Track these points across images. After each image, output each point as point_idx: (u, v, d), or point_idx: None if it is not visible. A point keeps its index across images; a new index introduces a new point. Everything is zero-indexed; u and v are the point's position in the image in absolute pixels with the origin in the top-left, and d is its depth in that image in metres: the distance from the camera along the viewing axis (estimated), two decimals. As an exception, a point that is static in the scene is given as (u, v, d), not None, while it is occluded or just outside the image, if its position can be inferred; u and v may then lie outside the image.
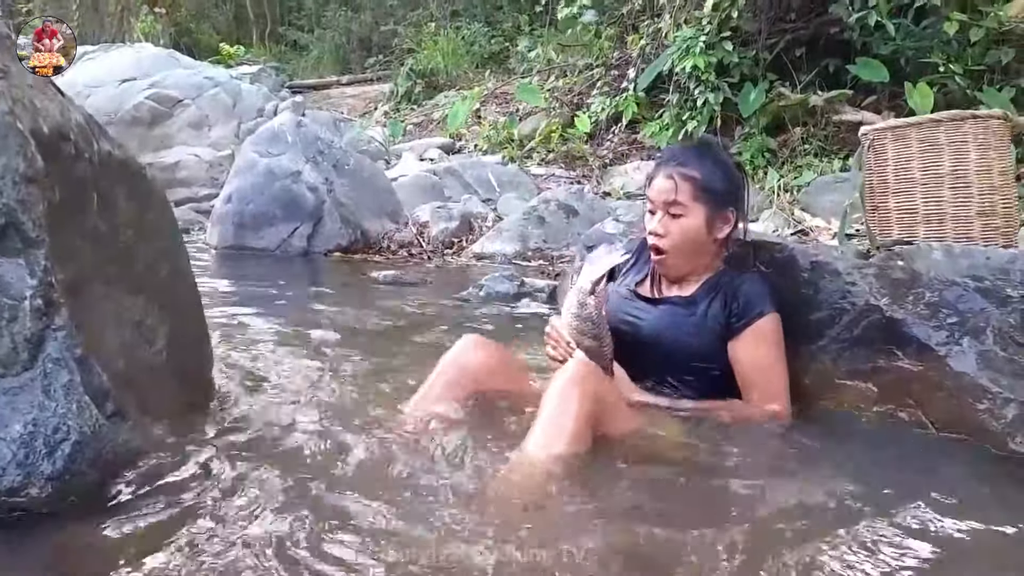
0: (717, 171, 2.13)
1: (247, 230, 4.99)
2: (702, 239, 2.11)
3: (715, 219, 2.11)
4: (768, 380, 2.07)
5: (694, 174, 2.08)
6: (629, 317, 2.17)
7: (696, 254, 2.13)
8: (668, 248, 2.10)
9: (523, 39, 10.11)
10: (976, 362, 2.09)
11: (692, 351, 2.09)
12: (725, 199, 2.13)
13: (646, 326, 2.14)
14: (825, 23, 6.49)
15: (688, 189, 2.07)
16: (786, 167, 6.38)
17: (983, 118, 2.72)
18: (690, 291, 2.16)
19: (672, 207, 2.08)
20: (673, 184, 2.07)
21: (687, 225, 2.09)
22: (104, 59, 8.56)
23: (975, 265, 2.20)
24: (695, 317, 2.11)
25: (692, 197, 2.07)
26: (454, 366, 2.08)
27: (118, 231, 1.97)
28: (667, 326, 2.12)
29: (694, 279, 2.17)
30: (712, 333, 2.09)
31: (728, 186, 2.14)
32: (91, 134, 1.93)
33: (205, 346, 2.36)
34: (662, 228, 2.10)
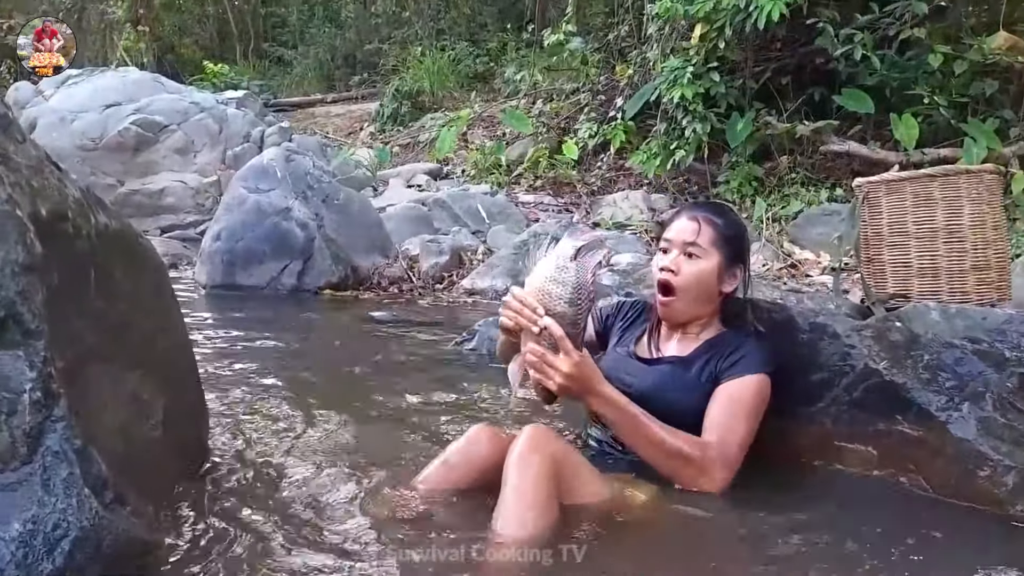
0: (737, 231, 2.21)
1: (236, 268, 4.96)
2: (711, 287, 2.15)
3: (726, 271, 2.16)
4: (730, 429, 2.03)
5: (718, 221, 2.15)
6: (627, 378, 2.16)
7: (701, 301, 2.16)
8: (678, 287, 2.12)
9: (510, 65, 10.13)
10: (976, 428, 2.09)
11: (685, 410, 2.09)
12: (738, 255, 2.19)
13: (641, 386, 2.13)
14: (810, 53, 6.55)
15: (709, 233, 2.12)
16: (773, 196, 6.42)
17: (975, 173, 2.74)
18: (688, 350, 2.17)
19: (690, 247, 2.12)
20: (697, 225, 2.12)
21: (701, 268, 2.12)
22: (88, 84, 8.50)
23: (972, 326, 2.21)
24: (690, 375, 2.12)
25: (711, 242, 2.12)
26: (461, 458, 1.99)
27: (116, 306, 1.94)
28: (661, 386, 2.12)
29: (692, 335, 2.19)
30: (705, 390, 2.10)
31: (742, 244, 2.22)
32: (88, 209, 1.91)
33: (202, 413, 2.34)
34: (675, 265, 2.13)
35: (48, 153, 1.93)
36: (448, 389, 3.07)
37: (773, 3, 5.67)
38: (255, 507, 1.93)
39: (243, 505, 1.94)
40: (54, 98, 8.32)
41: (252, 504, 1.94)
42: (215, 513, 1.88)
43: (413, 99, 11.33)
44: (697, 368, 2.12)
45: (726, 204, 2.42)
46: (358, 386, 3.08)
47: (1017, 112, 6.00)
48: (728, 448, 2.02)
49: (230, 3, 18.57)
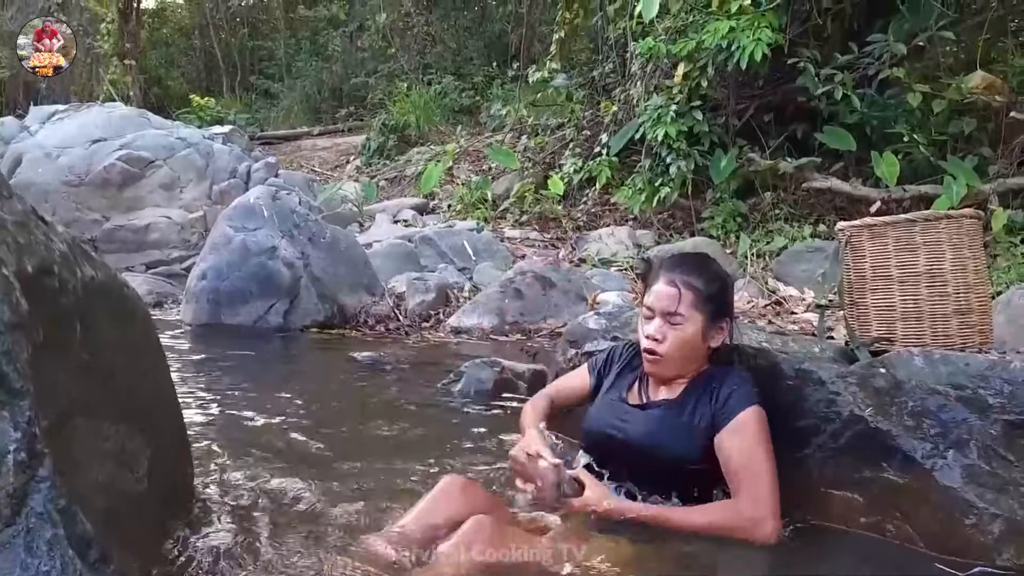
0: (716, 283, 2.19)
1: (222, 307, 4.94)
2: (697, 347, 2.16)
3: (711, 329, 2.16)
4: (754, 475, 2.05)
5: (697, 284, 2.13)
6: (618, 424, 2.18)
7: (689, 360, 2.17)
8: (664, 353, 2.13)
9: (495, 100, 10.23)
10: (961, 476, 2.10)
11: (680, 454, 2.10)
12: (722, 310, 2.19)
13: (634, 433, 2.14)
14: (792, 91, 6.65)
15: (690, 298, 2.12)
16: (757, 232, 6.48)
17: (955, 218, 2.77)
18: (677, 393, 2.18)
19: (672, 316, 2.12)
20: (677, 292, 2.11)
21: (684, 334, 2.12)
22: (74, 119, 8.49)
23: (955, 372, 2.24)
24: (684, 418, 2.13)
25: (693, 306, 2.12)
26: (433, 508, 1.99)
27: (101, 358, 1.93)
28: (654, 431, 2.13)
29: (681, 381, 2.20)
30: (699, 433, 2.10)
31: (724, 298, 2.21)
32: (74, 262, 1.90)
33: (186, 460, 2.32)
34: (660, 334, 2.13)
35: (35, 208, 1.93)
36: (434, 432, 3.06)
37: (755, 44, 5.76)
38: (241, 554, 1.92)
39: (229, 552, 1.93)
40: (40, 133, 8.31)
41: (238, 551, 1.93)
42: (200, 564, 1.87)
43: (399, 133, 11.40)
44: (689, 411, 2.13)
45: (704, 255, 2.40)
46: (344, 428, 3.07)
47: (995, 150, 6.10)
48: (761, 498, 2.04)
49: (217, 37, 18.68)
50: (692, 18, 6.35)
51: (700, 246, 5.93)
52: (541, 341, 4.67)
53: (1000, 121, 6.15)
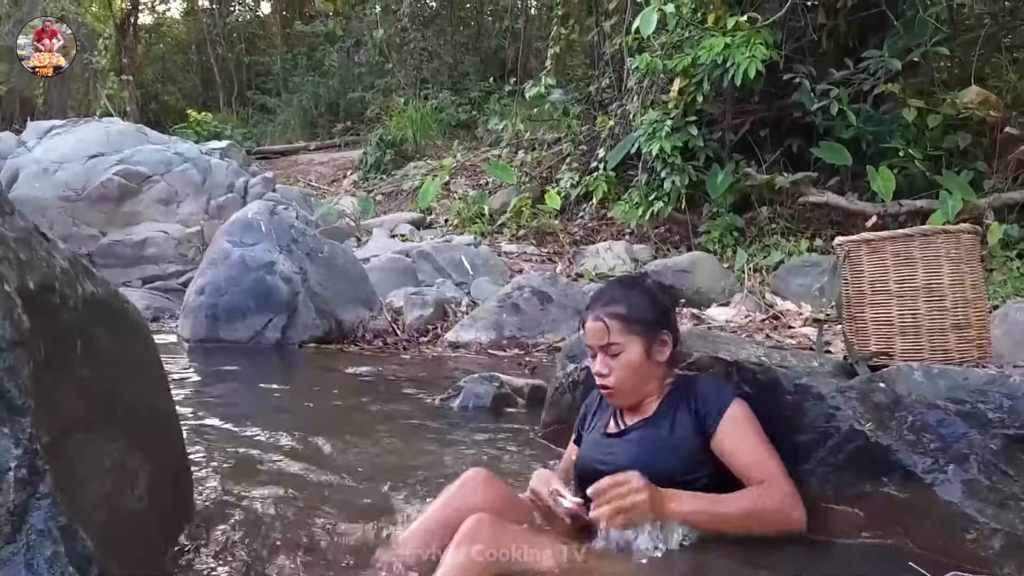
0: (644, 300, 2.18)
1: (220, 322, 4.93)
2: (645, 368, 2.15)
3: (652, 346, 2.16)
4: (763, 462, 2.07)
5: (620, 311, 2.14)
6: (604, 458, 2.18)
7: (644, 382, 2.17)
8: (615, 385, 2.15)
9: (492, 115, 10.26)
10: (962, 491, 2.10)
11: (674, 468, 2.08)
12: (657, 325, 2.18)
13: (620, 461, 2.12)
14: (788, 106, 6.69)
15: (619, 326, 2.12)
16: (754, 246, 6.49)
17: (953, 233, 2.78)
18: (651, 411, 2.18)
19: (609, 348, 2.13)
20: (603, 325, 2.12)
21: (627, 360, 2.13)
22: (71, 135, 8.51)
23: (954, 387, 2.23)
24: (664, 432, 2.12)
25: (624, 333, 2.12)
26: (455, 502, 1.99)
27: (101, 374, 1.93)
28: (638, 453, 2.12)
29: (651, 400, 2.20)
30: (688, 442, 2.10)
31: (657, 312, 2.20)
32: (75, 278, 1.91)
33: (186, 476, 2.32)
34: (605, 368, 2.14)
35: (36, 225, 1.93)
36: (433, 447, 3.05)
37: (750, 60, 5.80)
38: (241, 571, 1.91)
39: (229, 569, 1.91)
40: (37, 149, 8.32)
41: (238, 568, 1.92)
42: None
43: (396, 148, 11.43)
44: (667, 425, 2.13)
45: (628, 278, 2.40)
46: (343, 444, 3.05)
47: (991, 164, 6.13)
48: (779, 480, 2.05)
49: (214, 52, 18.73)
50: (688, 34, 6.39)
51: (697, 260, 5.95)
52: (539, 356, 4.67)
53: (995, 136, 6.18)
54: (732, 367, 2.44)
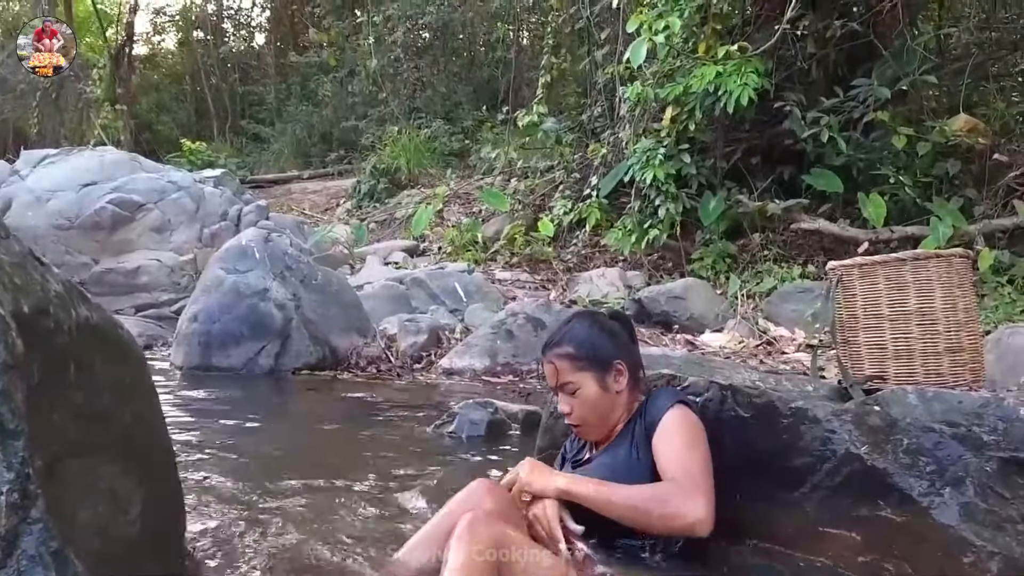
0: (590, 335, 2.22)
1: (213, 349, 4.91)
2: (604, 400, 2.18)
3: (606, 378, 2.18)
4: (681, 460, 2.03)
5: (567, 350, 2.18)
6: None
7: (607, 413, 2.20)
8: (579, 421, 2.20)
9: (485, 144, 10.33)
10: (959, 514, 2.10)
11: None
12: (607, 357, 2.20)
13: None
14: (779, 134, 6.75)
15: (567, 366, 2.17)
16: (747, 273, 6.52)
17: (945, 257, 2.80)
18: (614, 435, 2.21)
19: (564, 387, 2.18)
20: (554, 367, 2.19)
21: (584, 396, 2.17)
22: (65, 163, 8.52)
23: (949, 410, 2.24)
24: (623, 453, 2.14)
25: (574, 370, 2.17)
26: (460, 510, 1.98)
27: (95, 398, 1.92)
28: (603, 476, 2.12)
29: (618, 427, 2.22)
30: (644, 457, 2.10)
31: (607, 343, 2.23)
32: (69, 302, 1.90)
33: (179, 504, 2.29)
34: (567, 406, 2.20)
35: (31, 249, 1.93)
36: (428, 473, 3.04)
37: (741, 88, 5.85)
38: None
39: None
40: (30, 178, 8.32)
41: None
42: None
43: (390, 176, 11.47)
44: (625, 445, 2.15)
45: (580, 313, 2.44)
46: (337, 471, 3.03)
47: (980, 191, 6.18)
48: (692, 476, 2.00)
49: (208, 82, 18.84)
50: (679, 63, 6.45)
51: (690, 287, 5.97)
52: (533, 382, 4.66)
53: (984, 163, 6.24)
54: (727, 391, 2.44)
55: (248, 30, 21.08)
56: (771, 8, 6.47)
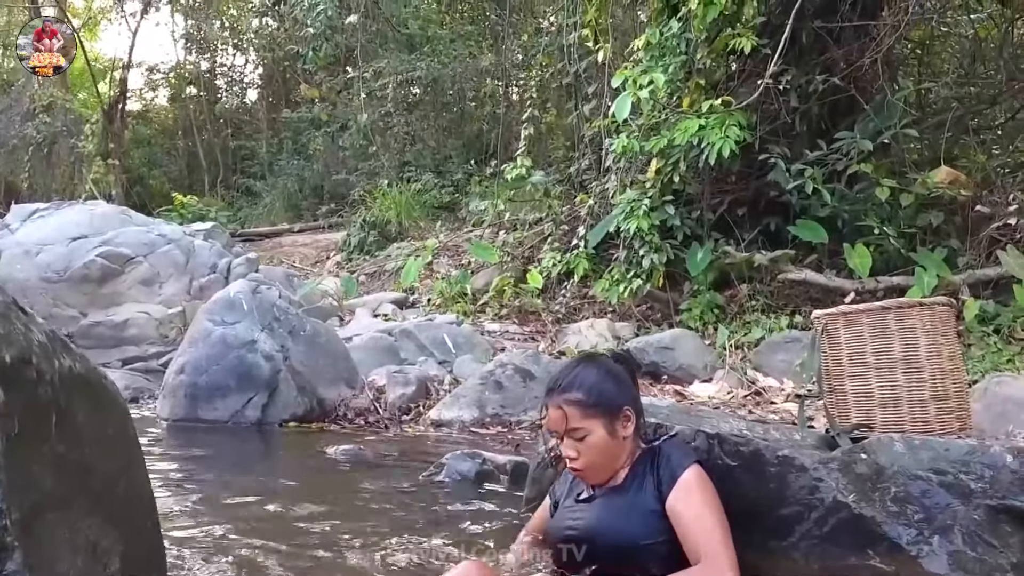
0: (600, 381, 2.19)
1: (200, 401, 4.88)
2: (611, 447, 2.16)
3: (614, 424, 2.16)
4: (707, 534, 2.03)
5: (577, 396, 2.14)
6: (573, 523, 2.19)
7: (613, 459, 2.18)
8: (585, 467, 2.16)
9: (474, 197, 10.42)
10: (948, 563, 2.09)
11: (636, 532, 2.08)
12: (616, 403, 2.18)
13: (586, 525, 2.16)
14: (764, 186, 6.83)
15: (576, 413, 2.13)
16: (735, 323, 6.54)
17: (928, 305, 2.83)
18: (620, 480, 2.19)
19: (572, 433, 2.14)
20: (562, 413, 2.14)
21: (592, 442, 2.14)
22: (55, 217, 8.54)
23: (936, 458, 2.24)
24: (628, 497, 2.13)
25: (584, 417, 2.13)
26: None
27: (77, 450, 1.90)
28: (605, 516, 2.14)
29: (621, 471, 2.20)
30: (648, 506, 2.10)
31: (616, 390, 2.20)
32: (52, 352, 1.90)
33: (160, 558, 2.26)
34: (573, 452, 2.15)
35: (15, 299, 1.93)
36: (414, 524, 3.02)
37: (723, 140, 5.94)
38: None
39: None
40: (20, 231, 8.33)
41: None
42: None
43: (379, 229, 11.53)
44: (632, 491, 2.14)
45: (587, 357, 2.43)
46: (323, 523, 3.00)
47: (963, 242, 6.25)
48: (718, 555, 1.99)
49: (200, 137, 18.99)
50: (664, 117, 6.55)
51: (679, 337, 5.98)
52: (522, 433, 4.64)
53: (966, 214, 6.32)
54: (714, 439, 2.44)
55: (241, 86, 21.34)
56: (754, 64, 6.60)
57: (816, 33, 6.64)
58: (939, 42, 7.96)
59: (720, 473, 2.33)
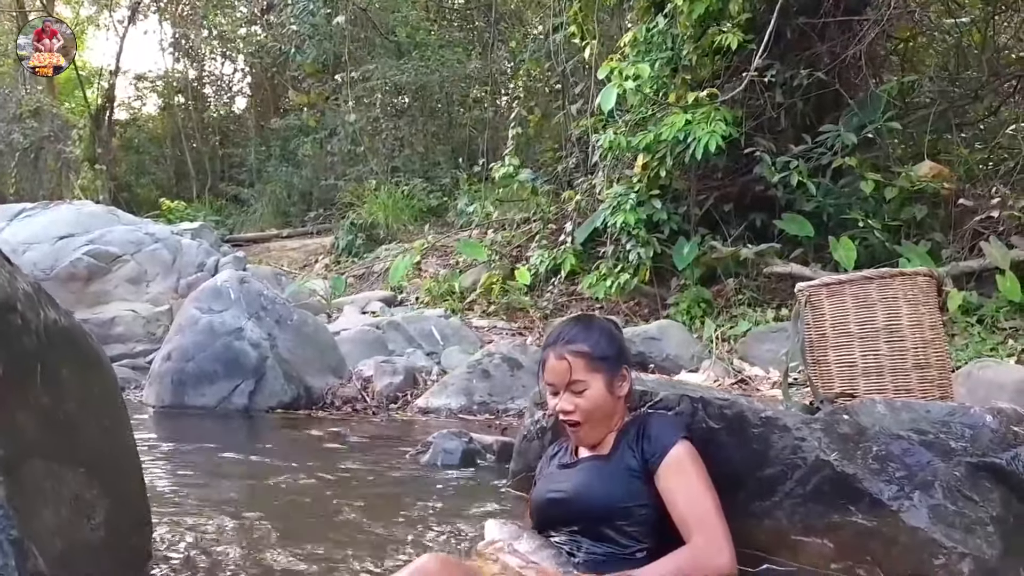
0: (603, 338, 2.21)
1: (186, 388, 4.87)
2: (608, 403, 2.17)
3: (613, 381, 2.18)
4: (700, 511, 2.03)
5: (583, 348, 2.16)
6: (555, 486, 2.20)
7: (607, 417, 2.18)
8: (582, 419, 2.16)
9: (462, 197, 10.44)
10: (928, 516, 2.11)
11: (616, 496, 2.09)
12: (616, 360, 2.21)
13: (569, 488, 2.16)
14: (750, 182, 6.87)
15: (582, 364, 2.14)
16: (722, 317, 6.57)
17: (910, 275, 2.86)
18: (606, 450, 2.19)
19: (573, 385, 2.14)
20: (567, 364, 2.14)
21: (592, 396, 2.15)
22: (42, 216, 8.52)
23: (917, 419, 2.26)
24: (612, 463, 2.14)
25: (587, 370, 2.14)
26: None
27: (61, 403, 1.91)
28: (585, 480, 2.14)
29: (608, 436, 2.21)
30: (633, 475, 2.10)
31: (616, 348, 2.23)
32: (38, 304, 1.90)
33: (145, 520, 2.26)
34: (570, 405, 2.15)
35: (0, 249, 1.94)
36: (400, 500, 3.01)
37: (710, 135, 5.98)
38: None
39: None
40: (7, 231, 8.30)
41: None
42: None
43: (368, 232, 11.52)
44: (615, 456, 2.14)
45: (584, 317, 2.45)
46: (308, 498, 3.00)
47: (947, 235, 6.30)
48: (711, 531, 2.00)
49: (188, 145, 18.95)
50: (651, 112, 6.59)
51: (666, 328, 6.00)
52: (510, 420, 4.65)
53: (950, 208, 6.37)
54: (698, 403, 2.46)
55: (229, 95, 21.32)
56: (740, 60, 6.65)
57: (801, 29, 6.69)
58: (923, 38, 8.04)
59: (704, 436, 2.35)
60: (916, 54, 8.01)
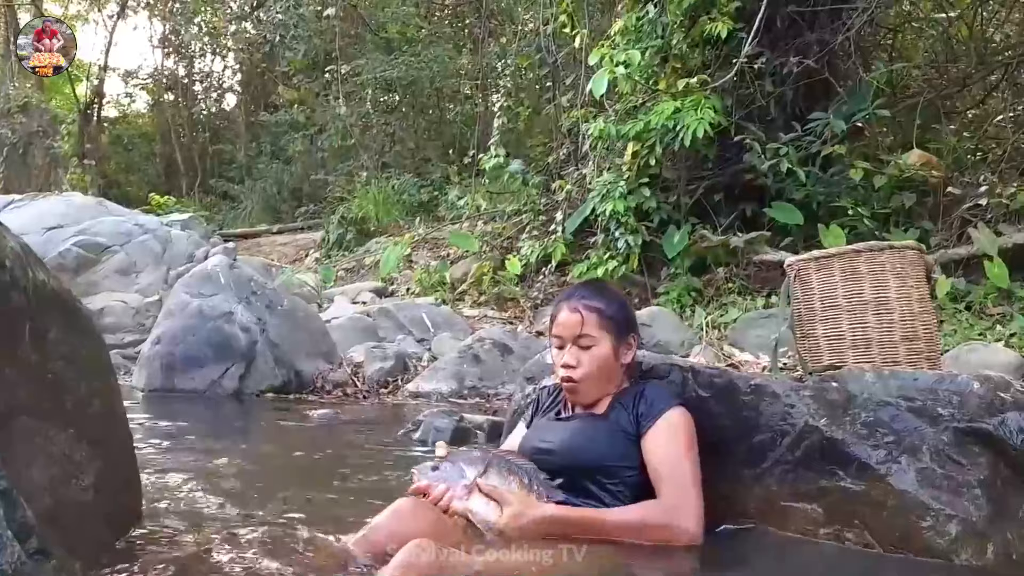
0: (615, 302, 2.24)
1: (176, 371, 4.86)
2: (611, 366, 2.19)
3: (620, 346, 2.20)
4: (680, 473, 2.05)
5: (598, 305, 2.18)
6: (545, 437, 2.21)
7: (607, 380, 2.20)
8: (581, 378, 2.17)
9: (452, 189, 10.43)
10: (916, 479, 2.12)
11: (604, 455, 2.10)
12: (627, 327, 2.23)
13: (558, 442, 2.17)
14: (740, 171, 6.88)
15: (594, 320, 2.16)
16: (712, 305, 6.58)
17: (899, 248, 2.87)
18: (602, 410, 2.21)
19: (581, 339, 2.16)
20: (580, 317, 2.15)
21: (597, 354, 2.16)
22: (31, 207, 8.48)
23: (905, 386, 2.28)
24: (604, 423, 2.15)
25: (598, 327, 2.16)
26: (384, 532, 1.94)
27: (50, 364, 1.91)
28: (575, 435, 2.16)
29: (604, 400, 2.22)
30: (621, 435, 2.12)
31: (627, 315, 2.27)
32: (27, 263, 1.90)
33: (134, 483, 2.26)
34: (574, 360, 2.16)
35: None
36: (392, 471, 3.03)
37: (698, 122, 6.00)
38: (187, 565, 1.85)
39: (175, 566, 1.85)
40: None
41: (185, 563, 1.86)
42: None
43: (358, 226, 11.50)
44: (612, 419, 2.16)
45: (600, 281, 2.49)
46: (297, 473, 3.01)
47: (935, 223, 6.33)
48: (684, 493, 2.03)
49: (178, 142, 18.88)
50: (641, 99, 6.61)
51: (657, 315, 6.01)
52: (500, 404, 4.65)
53: (938, 196, 6.42)
54: (688, 372, 2.46)
55: (219, 91, 21.25)
56: (730, 50, 6.66)
57: (791, 18, 6.72)
58: (911, 29, 8.09)
59: (694, 405, 2.35)
60: (905, 44, 8.05)
